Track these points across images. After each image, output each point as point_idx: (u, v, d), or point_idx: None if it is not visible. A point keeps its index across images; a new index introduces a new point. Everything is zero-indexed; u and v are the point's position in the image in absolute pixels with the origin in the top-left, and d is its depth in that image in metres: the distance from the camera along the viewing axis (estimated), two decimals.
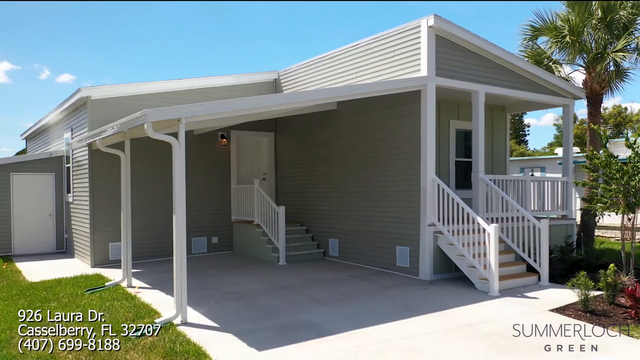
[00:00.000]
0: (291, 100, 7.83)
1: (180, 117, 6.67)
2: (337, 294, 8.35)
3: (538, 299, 7.83)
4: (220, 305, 7.75)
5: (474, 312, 7.25)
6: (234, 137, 13.50)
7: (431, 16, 9.11)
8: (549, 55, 12.27)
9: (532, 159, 23.61)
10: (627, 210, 8.70)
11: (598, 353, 5.67)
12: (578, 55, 12.10)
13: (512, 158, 24.99)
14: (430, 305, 7.60)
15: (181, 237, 6.84)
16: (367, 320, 6.83)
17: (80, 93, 11.42)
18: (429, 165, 9.27)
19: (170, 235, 12.30)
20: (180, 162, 6.74)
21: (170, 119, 6.74)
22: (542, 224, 8.74)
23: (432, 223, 9.20)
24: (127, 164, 9.17)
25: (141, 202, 12.10)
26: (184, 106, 6.85)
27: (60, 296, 8.41)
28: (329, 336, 6.23)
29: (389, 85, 9.21)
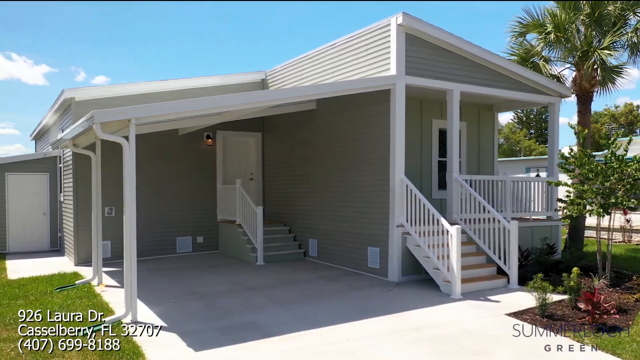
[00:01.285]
0: (245, 100, 7.79)
1: (130, 118, 6.71)
2: (299, 295, 8.31)
3: (499, 303, 7.65)
4: (179, 305, 7.79)
5: (429, 314, 7.13)
6: (220, 137, 13.55)
7: (400, 14, 8.98)
8: (538, 52, 11.94)
9: (537, 159, 23.08)
10: (602, 211, 8.43)
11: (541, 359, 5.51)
12: (567, 53, 11.77)
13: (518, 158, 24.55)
14: (388, 307, 7.51)
15: (131, 238, 6.86)
16: (318, 321, 6.77)
17: (64, 95, 11.62)
18: (398, 165, 9.15)
19: (156, 235, 12.64)
20: (130, 162, 6.77)
21: (121, 120, 6.79)
22: (511, 225, 8.54)
23: (400, 224, 9.08)
24: (97, 164, 9.28)
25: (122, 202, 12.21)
26: (134, 107, 6.88)
27: (30, 294, 8.56)
28: (273, 337, 6.20)
29: (356, 84, 9.12)
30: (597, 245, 8.90)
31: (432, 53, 9.57)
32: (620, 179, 8.43)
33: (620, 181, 8.42)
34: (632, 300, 7.70)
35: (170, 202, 12.89)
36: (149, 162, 12.63)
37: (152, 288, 8.98)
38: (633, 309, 7.28)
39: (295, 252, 12.08)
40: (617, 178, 8.37)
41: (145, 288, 9.00)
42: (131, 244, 6.87)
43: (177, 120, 10.11)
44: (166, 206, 12.82)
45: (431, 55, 9.57)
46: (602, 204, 8.36)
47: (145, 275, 10.20)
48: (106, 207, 12.13)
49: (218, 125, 13.20)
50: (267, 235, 12.16)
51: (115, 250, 12.15)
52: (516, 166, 21.59)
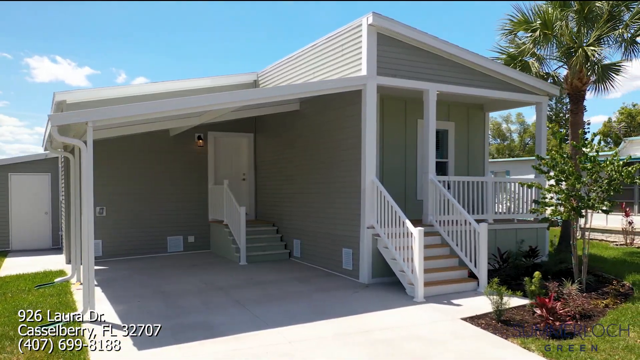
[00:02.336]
0: (204, 103, 7.84)
1: (87, 121, 6.86)
2: (263, 296, 8.33)
3: (461, 307, 7.51)
4: (142, 304, 7.91)
5: (383, 318, 7.05)
6: (211, 138, 13.71)
7: (370, 14, 8.90)
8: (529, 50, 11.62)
9: None
10: (574, 214, 8.19)
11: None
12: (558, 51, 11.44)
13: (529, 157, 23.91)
14: (346, 309, 7.46)
15: (89, 239, 7.00)
16: (270, 323, 6.78)
17: (56, 97, 11.91)
18: (369, 166, 9.07)
19: (147, 234, 12.87)
20: (87, 165, 6.90)
21: (79, 123, 6.95)
22: (480, 228, 8.37)
23: (371, 225, 9.01)
24: (75, 166, 9.49)
25: (115, 201, 12.53)
26: (90, 110, 7.02)
27: (9, 291, 8.85)
28: (220, 337, 6.23)
29: (325, 85, 9.09)
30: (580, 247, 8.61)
31: (406, 53, 9.46)
32: (595, 181, 8.17)
33: (595, 182, 8.17)
34: (601, 306, 7.45)
35: (161, 202, 13.10)
36: (140, 162, 12.90)
37: (125, 286, 9.16)
38: (598, 315, 7.05)
39: (281, 252, 12.12)
40: (590, 180, 8.12)
41: (118, 286, 9.22)
42: (89, 245, 7.04)
43: (154, 123, 10.29)
44: (158, 206, 13.04)
45: (405, 55, 9.45)
46: (574, 206, 8.11)
47: (125, 274, 10.44)
48: (97, 207, 12.42)
49: (210, 126, 13.38)
50: (254, 235, 12.26)
51: (106, 249, 12.47)
52: (523, 166, 21.08)
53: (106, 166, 12.49)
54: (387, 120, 11.21)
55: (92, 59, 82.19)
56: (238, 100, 8.22)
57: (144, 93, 12.76)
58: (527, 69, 11.62)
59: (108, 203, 12.54)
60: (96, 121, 6.97)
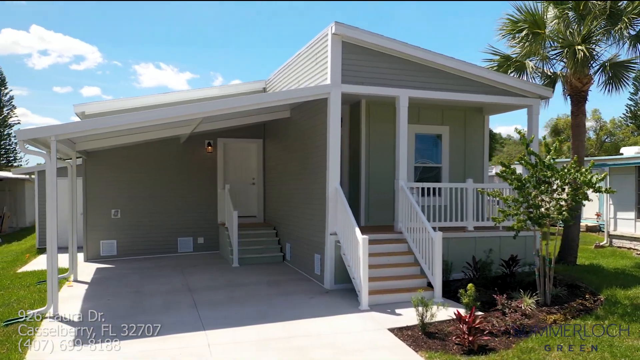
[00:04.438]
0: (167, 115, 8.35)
1: (50, 135, 7.60)
2: (226, 299, 8.72)
3: (400, 317, 7.48)
4: (110, 303, 8.57)
5: (319, 324, 7.19)
6: (220, 144, 14.33)
7: (333, 23, 9.01)
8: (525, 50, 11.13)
9: (608, 159, 20.75)
10: (532, 223, 7.86)
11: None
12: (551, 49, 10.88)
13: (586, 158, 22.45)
14: (289, 314, 7.68)
15: (53, 243, 7.72)
16: (208, 325, 7.14)
17: (75, 109, 13.04)
18: (332, 173, 9.19)
19: (158, 234, 13.73)
20: (51, 175, 7.65)
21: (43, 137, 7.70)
22: (435, 236, 8.24)
23: (334, 232, 9.13)
24: (73, 172, 10.39)
25: (129, 204, 13.48)
26: (53, 125, 7.74)
27: (12, 285, 9.93)
28: (152, 337, 6.65)
29: (291, 94, 9.35)
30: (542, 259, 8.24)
31: (374, 60, 9.46)
32: (554, 190, 7.81)
33: (554, 191, 7.80)
34: (549, 322, 7.13)
35: (173, 205, 13.90)
36: (154, 167, 13.78)
37: (110, 285, 9.93)
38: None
39: (276, 255, 12.48)
40: (545, 189, 7.77)
41: (104, 285, 10.01)
42: (52, 247, 7.76)
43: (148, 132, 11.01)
44: (169, 208, 13.85)
45: (373, 62, 9.46)
46: (529, 216, 7.79)
47: (123, 273, 11.25)
48: (112, 209, 13.46)
49: (219, 132, 14.02)
50: (253, 238, 12.73)
51: (120, 248, 13.47)
52: None
53: (122, 172, 13.50)
54: (374, 126, 11.24)
55: (192, 64, 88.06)
56: (195, 112, 8.67)
57: (156, 103, 13.57)
58: (521, 70, 11.14)
59: (123, 206, 13.52)
60: (59, 135, 7.69)
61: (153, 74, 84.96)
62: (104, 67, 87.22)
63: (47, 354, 6.19)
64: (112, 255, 13.35)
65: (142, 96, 13.82)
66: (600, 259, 12.26)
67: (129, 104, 13.47)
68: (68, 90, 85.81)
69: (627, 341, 6.29)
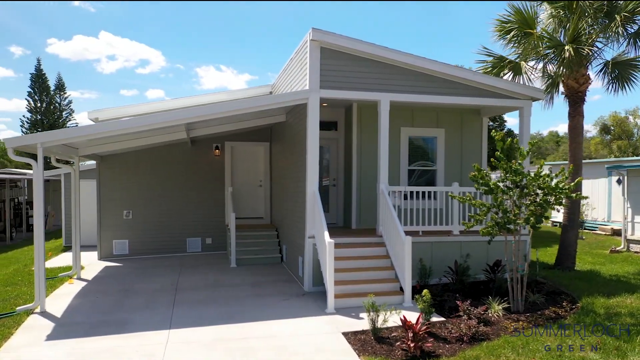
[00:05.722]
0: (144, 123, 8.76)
1: (36, 143, 8.16)
2: (204, 298, 9.02)
3: (361, 320, 7.51)
4: (97, 300, 9.07)
5: (279, 326, 7.34)
6: (228, 147, 14.72)
7: (310, 30, 9.14)
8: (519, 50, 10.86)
9: (620, 160, 19.77)
10: (498, 229, 7.72)
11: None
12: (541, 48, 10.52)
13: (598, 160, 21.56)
14: (256, 315, 7.89)
15: (40, 244, 8.25)
16: (174, 324, 7.46)
17: (89, 115, 13.79)
18: (310, 177, 9.32)
19: (168, 235, 14.28)
20: (38, 180, 8.19)
21: (29, 144, 8.26)
22: (405, 240, 8.22)
23: (312, 235, 9.26)
24: (76, 177, 11.02)
25: (141, 206, 14.09)
26: (39, 133, 8.28)
27: (21, 281, 10.64)
28: (117, 335, 7.01)
29: (272, 99, 9.55)
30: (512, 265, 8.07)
31: (354, 65, 9.52)
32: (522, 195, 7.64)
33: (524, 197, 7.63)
34: (511, 329, 7.01)
35: (182, 206, 14.42)
36: (164, 170, 14.34)
37: (105, 283, 10.47)
38: (489, 339, 6.67)
39: (274, 256, 12.72)
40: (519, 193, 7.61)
41: (100, 283, 10.55)
42: (39, 248, 8.27)
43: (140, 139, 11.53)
44: (179, 210, 14.37)
45: (353, 67, 9.51)
46: (497, 222, 7.65)
47: (125, 272, 11.80)
48: (125, 210, 14.11)
49: (227, 136, 14.43)
50: (254, 239, 13.03)
51: (132, 248, 14.10)
52: (594, 169, 18.99)
53: (134, 174, 14.12)
54: (365, 129, 11.28)
55: (251, 65, 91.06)
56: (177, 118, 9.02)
57: (164, 109, 14.12)
58: (517, 71, 10.87)
59: (135, 207, 14.15)
60: (44, 142, 8.22)
61: (214, 75, 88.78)
62: (167, 71, 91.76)
63: (20, 347, 6.68)
64: (124, 255, 13.99)
65: (151, 102, 14.48)
66: (606, 264, 11.75)
67: (140, 109, 14.09)
68: (134, 93, 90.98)
69: (578, 353, 6.10)
